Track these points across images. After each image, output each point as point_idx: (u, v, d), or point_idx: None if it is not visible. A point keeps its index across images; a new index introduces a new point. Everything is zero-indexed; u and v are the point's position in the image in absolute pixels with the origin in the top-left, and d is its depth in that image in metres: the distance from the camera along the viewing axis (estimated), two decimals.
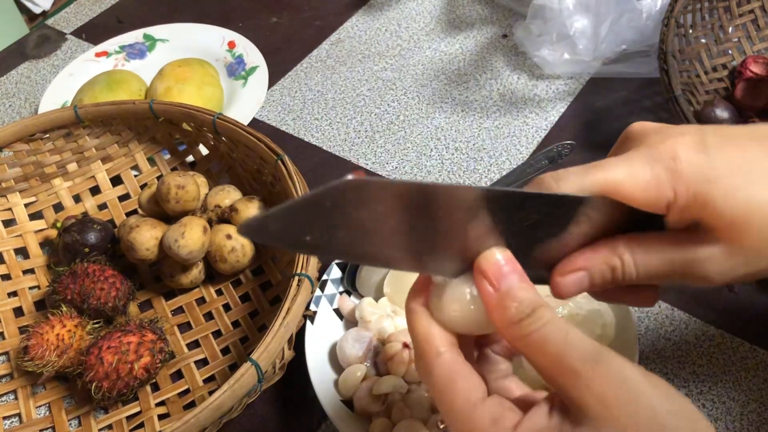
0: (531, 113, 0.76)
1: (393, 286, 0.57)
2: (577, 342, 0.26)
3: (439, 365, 0.28)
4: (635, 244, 0.31)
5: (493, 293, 0.28)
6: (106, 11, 0.98)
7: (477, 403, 0.27)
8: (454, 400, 0.28)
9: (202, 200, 0.62)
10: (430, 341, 0.29)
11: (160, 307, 0.62)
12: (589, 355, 0.26)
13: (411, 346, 0.51)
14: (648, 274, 0.31)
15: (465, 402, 0.27)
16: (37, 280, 0.65)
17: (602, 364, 0.25)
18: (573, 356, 0.26)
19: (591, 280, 0.31)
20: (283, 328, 0.47)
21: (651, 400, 0.25)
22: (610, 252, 0.31)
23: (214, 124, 0.62)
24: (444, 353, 0.29)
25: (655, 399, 0.25)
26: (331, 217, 0.25)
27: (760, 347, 0.55)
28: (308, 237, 0.26)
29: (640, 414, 0.24)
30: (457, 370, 0.28)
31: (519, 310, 0.27)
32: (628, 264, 0.31)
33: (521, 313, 0.27)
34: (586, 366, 0.25)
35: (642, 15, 0.74)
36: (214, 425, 0.47)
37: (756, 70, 0.68)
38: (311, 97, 0.81)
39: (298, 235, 0.25)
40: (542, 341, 0.27)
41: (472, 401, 0.27)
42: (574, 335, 0.26)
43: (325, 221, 0.25)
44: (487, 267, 0.29)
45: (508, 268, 0.29)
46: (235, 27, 0.89)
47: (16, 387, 0.58)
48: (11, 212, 0.67)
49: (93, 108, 0.66)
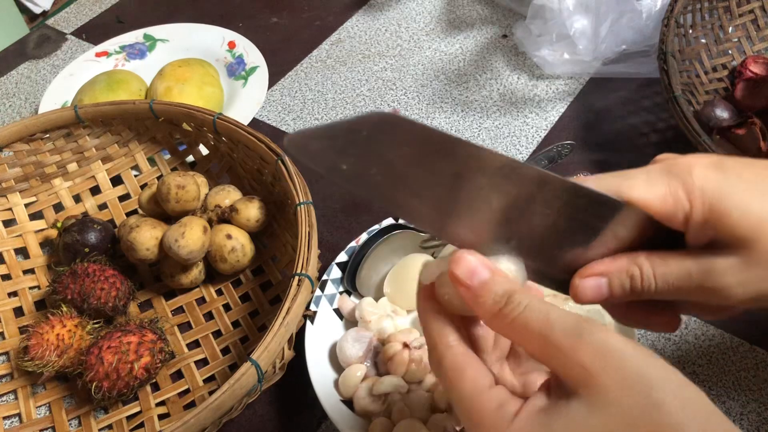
0: (531, 113, 0.76)
1: (393, 286, 0.57)
2: (559, 319, 0.27)
3: (450, 355, 0.30)
4: (655, 256, 0.32)
5: (466, 292, 0.29)
6: (107, 11, 0.98)
7: (484, 390, 0.29)
8: (463, 387, 0.29)
9: (202, 200, 0.62)
10: (443, 334, 0.30)
11: (160, 307, 0.62)
12: (572, 329, 0.27)
13: (411, 346, 0.52)
14: (667, 287, 0.31)
15: (473, 388, 0.29)
16: (37, 280, 0.65)
17: (585, 336, 0.26)
18: (556, 333, 0.27)
19: (610, 288, 0.32)
20: (283, 328, 0.47)
21: (637, 364, 0.25)
22: (630, 261, 0.32)
23: (215, 124, 0.62)
24: (454, 345, 0.30)
25: (641, 363, 0.26)
26: (365, 148, 0.26)
27: (760, 347, 0.55)
28: (344, 165, 0.27)
29: (626, 380, 0.25)
30: (467, 360, 0.30)
31: (495, 300, 0.29)
32: (647, 274, 0.31)
33: (498, 303, 0.29)
34: (569, 341, 0.26)
35: (642, 15, 0.74)
36: (214, 425, 0.47)
37: (756, 70, 0.68)
38: (311, 97, 0.81)
39: (336, 160, 0.27)
40: (524, 325, 0.28)
41: (480, 387, 0.29)
42: (555, 313, 0.27)
43: (360, 150, 0.26)
44: (455, 268, 0.30)
45: (477, 264, 0.30)
46: (235, 27, 0.89)
47: (16, 387, 0.58)
48: (11, 212, 0.67)
49: (93, 108, 0.66)
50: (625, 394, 0.25)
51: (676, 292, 0.31)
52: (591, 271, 0.32)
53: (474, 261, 0.29)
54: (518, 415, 0.27)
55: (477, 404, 0.28)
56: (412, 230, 0.59)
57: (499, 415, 0.28)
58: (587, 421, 0.26)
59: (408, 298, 0.57)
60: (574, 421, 0.26)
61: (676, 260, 0.31)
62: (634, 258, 0.32)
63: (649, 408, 0.25)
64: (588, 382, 0.26)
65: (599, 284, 0.32)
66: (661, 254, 0.31)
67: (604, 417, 0.25)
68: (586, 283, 0.32)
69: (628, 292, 0.32)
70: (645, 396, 0.25)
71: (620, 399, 0.25)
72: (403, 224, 0.60)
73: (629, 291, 0.32)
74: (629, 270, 0.31)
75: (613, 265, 0.32)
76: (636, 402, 0.25)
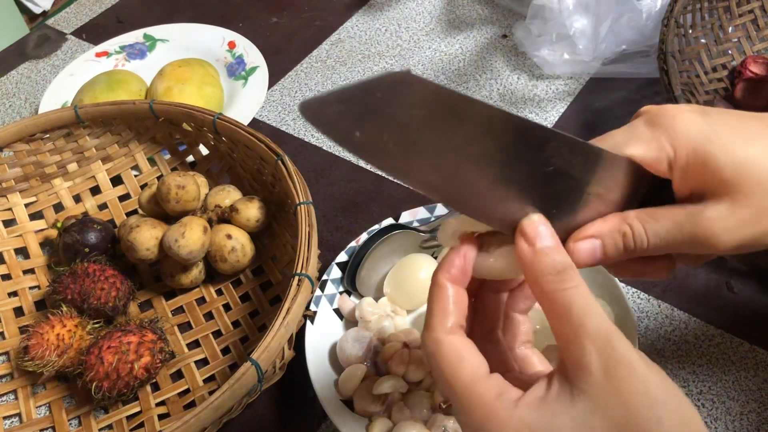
0: (531, 113, 0.76)
1: (393, 286, 0.57)
2: (597, 315, 0.27)
3: (449, 341, 0.29)
4: (645, 213, 0.32)
5: (529, 249, 0.30)
6: (107, 11, 0.98)
7: (482, 378, 0.29)
8: (461, 374, 0.29)
9: (203, 200, 0.62)
10: (445, 318, 0.30)
11: (160, 307, 0.62)
12: (604, 332, 0.27)
13: (411, 346, 0.52)
14: (659, 241, 0.31)
15: (472, 376, 0.28)
16: (37, 280, 0.65)
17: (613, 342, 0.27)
18: (590, 326, 0.27)
19: (604, 249, 0.32)
20: (283, 328, 0.47)
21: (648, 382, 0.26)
22: (621, 220, 0.32)
23: (215, 124, 0.62)
24: (454, 332, 0.30)
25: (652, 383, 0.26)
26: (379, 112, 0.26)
27: (760, 347, 0.55)
28: (358, 132, 0.26)
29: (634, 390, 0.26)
30: (466, 348, 0.29)
31: (554, 266, 0.29)
32: (638, 231, 0.31)
33: (554, 270, 0.29)
34: (598, 341, 0.27)
35: (642, 15, 0.74)
36: (214, 425, 0.47)
37: (755, 70, 0.68)
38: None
39: (350, 127, 0.26)
40: (568, 302, 0.28)
41: (479, 375, 0.29)
42: (596, 308, 0.28)
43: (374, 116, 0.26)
44: (527, 226, 0.30)
45: (545, 231, 0.30)
46: (235, 27, 0.89)
47: (16, 387, 0.58)
48: (11, 212, 0.67)
49: (93, 108, 0.66)
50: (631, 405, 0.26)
51: (668, 247, 0.32)
52: (583, 234, 0.32)
53: (545, 228, 0.30)
54: (519, 403, 0.27)
55: (476, 393, 0.28)
56: (412, 230, 0.59)
57: (499, 404, 0.27)
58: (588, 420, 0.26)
59: (408, 298, 0.57)
60: (577, 419, 0.26)
61: (666, 214, 0.31)
62: (624, 217, 0.32)
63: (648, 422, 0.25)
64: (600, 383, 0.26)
65: (593, 247, 0.32)
66: (650, 211, 0.32)
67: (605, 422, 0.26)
68: (580, 246, 0.32)
69: (622, 251, 0.32)
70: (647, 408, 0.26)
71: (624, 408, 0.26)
72: (403, 224, 0.60)
73: (623, 250, 0.32)
74: (620, 228, 0.32)
75: (605, 225, 0.32)
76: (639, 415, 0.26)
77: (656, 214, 0.32)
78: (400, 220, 0.60)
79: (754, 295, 0.58)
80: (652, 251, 0.32)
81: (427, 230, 0.60)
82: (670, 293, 0.59)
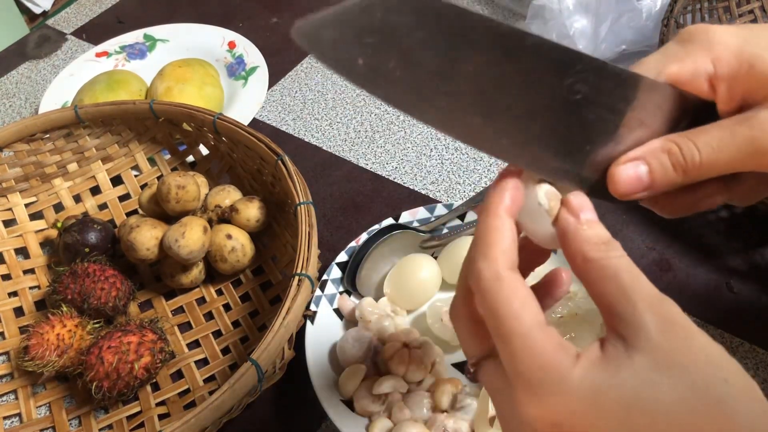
0: None
1: (393, 286, 0.57)
2: (646, 282, 0.26)
3: (512, 278, 0.27)
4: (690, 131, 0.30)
5: (572, 219, 0.28)
6: (107, 11, 0.98)
7: (543, 325, 0.26)
8: (524, 317, 0.26)
9: (203, 200, 0.62)
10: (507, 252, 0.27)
11: (160, 307, 0.62)
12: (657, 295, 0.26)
13: (411, 346, 0.52)
14: (711, 153, 0.29)
15: (534, 321, 0.26)
16: (37, 280, 0.65)
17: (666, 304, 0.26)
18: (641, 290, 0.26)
19: (651, 173, 0.30)
20: (283, 328, 0.47)
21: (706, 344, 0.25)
22: (665, 139, 0.30)
23: (215, 124, 0.62)
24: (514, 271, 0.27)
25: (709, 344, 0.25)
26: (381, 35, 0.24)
27: (760, 347, 0.55)
28: (360, 60, 0.24)
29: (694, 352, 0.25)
30: (527, 289, 0.27)
31: (596, 235, 0.27)
32: (687, 146, 0.29)
33: (599, 238, 0.27)
34: (653, 301, 0.26)
35: (642, 15, 0.74)
36: (214, 425, 0.47)
37: None
38: (311, 97, 0.81)
39: (352, 53, 0.24)
40: (615, 268, 0.26)
41: (540, 321, 0.26)
42: (644, 277, 0.26)
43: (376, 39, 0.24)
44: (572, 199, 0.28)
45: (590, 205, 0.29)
46: (236, 27, 0.89)
47: (16, 387, 0.58)
48: (12, 212, 0.67)
49: (93, 108, 0.66)
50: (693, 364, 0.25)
51: (723, 161, 0.29)
52: (627, 157, 0.29)
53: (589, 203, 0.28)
54: (581, 359, 0.25)
55: (538, 340, 0.26)
56: (412, 230, 0.59)
57: (561, 356, 0.25)
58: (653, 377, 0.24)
59: (408, 298, 0.57)
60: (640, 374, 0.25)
61: (716, 125, 0.29)
62: (667, 137, 0.29)
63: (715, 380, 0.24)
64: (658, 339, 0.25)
65: (638, 172, 0.29)
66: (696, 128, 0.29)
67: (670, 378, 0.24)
68: (623, 170, 0.29)
69: (671, 173, 0.29)
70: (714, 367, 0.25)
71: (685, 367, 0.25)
72: (403, 224, 0.60)
73: (672, 171, 0.29)
74: (665, 146, 0.29)
75: (648, 147, 0.29)
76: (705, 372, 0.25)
77: (704, 128, 0.29)
78: (400, 220, 0.60)
79: (754, 295, 0.58)
80: (705, 170, 0.29)
81: (427, 230, 0.60)
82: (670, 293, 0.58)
